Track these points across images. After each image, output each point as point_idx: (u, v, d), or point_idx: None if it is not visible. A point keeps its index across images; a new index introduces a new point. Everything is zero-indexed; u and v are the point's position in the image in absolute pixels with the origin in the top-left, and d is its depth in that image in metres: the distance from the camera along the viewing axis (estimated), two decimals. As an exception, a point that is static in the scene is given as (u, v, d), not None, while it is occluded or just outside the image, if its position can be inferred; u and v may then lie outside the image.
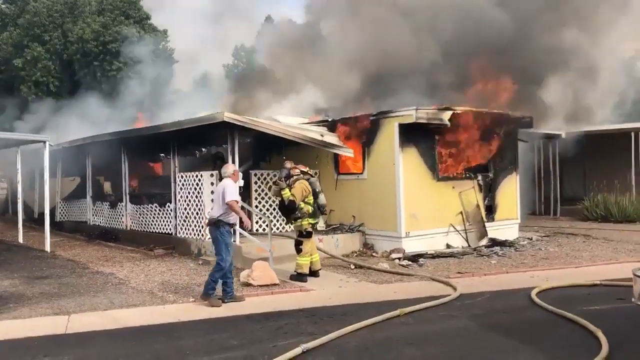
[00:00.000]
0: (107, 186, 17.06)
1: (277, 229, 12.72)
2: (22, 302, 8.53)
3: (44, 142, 13.43)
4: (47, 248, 13.44)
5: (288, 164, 10.13)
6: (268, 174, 12.84)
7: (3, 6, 25.26)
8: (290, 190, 9.72)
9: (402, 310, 7.40)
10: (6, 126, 24.16)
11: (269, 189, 12.71)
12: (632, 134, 17.66)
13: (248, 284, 9.27)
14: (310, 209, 9.83)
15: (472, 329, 6.85)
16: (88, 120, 22.02)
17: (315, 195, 9.94)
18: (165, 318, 7.60)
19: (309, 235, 9.89)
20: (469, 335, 6.63)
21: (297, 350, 5.90)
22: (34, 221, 19.27)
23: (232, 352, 6.13)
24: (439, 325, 7.01)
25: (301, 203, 9.74)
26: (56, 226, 17.56)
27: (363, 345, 6.25)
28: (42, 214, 18.87)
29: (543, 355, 5.81)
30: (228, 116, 10.61)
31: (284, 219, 11.75)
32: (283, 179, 9.91)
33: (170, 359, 5.98)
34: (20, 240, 15.24)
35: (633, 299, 5.77)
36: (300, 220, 9.83)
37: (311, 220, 9.90)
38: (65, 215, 18.56)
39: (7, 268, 11.31)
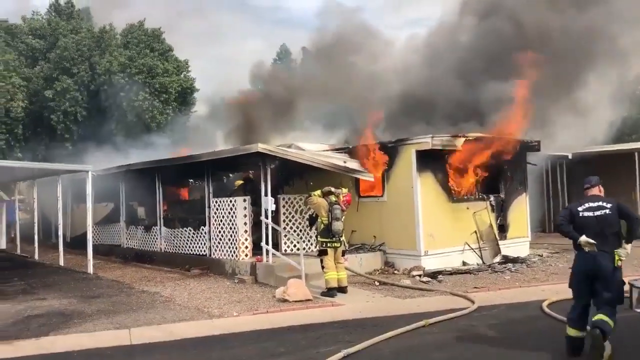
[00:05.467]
0: (140, 211, 18.08)
1: (304, 249, 13.66)
2: (83, 318, 9.50)
3: (87, 171, 14.50)
4: (90, 270, 14.44)
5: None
6: (295, 198, 13.82)
7: (34, 41, 26.60)
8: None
9: (426, 321, 8.32)
10: (37, 154, 25.48)
11: (296, 212, 13.76)
12: (636, 154, 18.54)
13: (284, 300, 10.20)
14: (321, 227, 10.94)
15: (491, 336, 7.76)
16: (115, 148, 23.24)
17: (331, 218, 10.91)
18: (215, 330, 8.55)
19: (323, 252, 10.93)
20: (488, 342, 7.53)
21: (340, 355, 6.82)
22: (66, 245, 20.31)
23: (282, 358, 7.06)
24: (461, 334, 7.90)
25: (321, 218, 10.85)
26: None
27: (395, 351, 7.16)
28: (73, 238, 20.04)
29: (553, 356, 6.68)
30: (262, 147, 11.67)
31: (310, 240, 12.93)
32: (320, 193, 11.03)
33: (229, 364, 6.93)
34: (61, 263, 16.27)
35: (632, 307, 6.63)
36: (318, 237, 11.06)
37: (323, 239, 10.96)
38: (98, 239, 19.58)
39: (59, 289, 12.32)
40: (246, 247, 12.99)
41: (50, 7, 29.04)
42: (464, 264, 13.47)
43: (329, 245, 10.96)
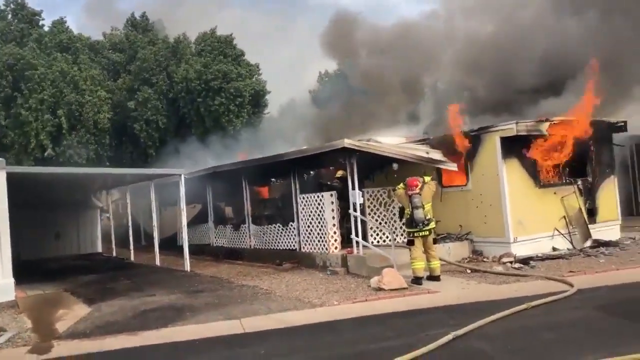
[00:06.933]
0: (228, 210, 18.89)
1: (389, 240, 13.93)
2: (194, 311, 10.15)
3: (180, 175, 15.33)
4: (187, 268, 15.29)
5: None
6: (378, 191, 14.11)
7: (115, 55, 28.14)
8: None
9: (529, 304, 8.42)
10: (123, 161, 26.99)
11: (380, 204, 14.07)
12: None
13: (380, 289, 10.51)
14: (407, 217, 11.21)
15: (598, 317, 7.80)
16: (196, 153, 24.29)
17: (412, 208, 11.09)
18: (321, 318, 8.96)
19: (410, 242, 11.18)
20: (596, 321, 7.59)
21: (449, 337, 7.05)
22: (153, 246, 21.44)
23: (394, 341, 7.37)
24: (567, 315, 7.97)
25: (406, 209, 11.15)
26: (179, 249, 19.55)
27: (504, 332, 7.33)
28: (162, 240, 21.08)
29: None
30: (348, 142, 12.03)
31: (396, 231, 13.27)
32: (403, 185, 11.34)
33: (343, 347, 7.28)
34: (158, 263, 17.26)
35: None
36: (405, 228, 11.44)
37: (409, 229, 11.23)
38: (188, 239, 20.52)
39: (164, 285, 13.12)
40: (335, 240, 13.41)
41: (127, 22, 30.60)
42: (554, 249, 13.35)
43: (415, 235, 11.19)
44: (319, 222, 13.67)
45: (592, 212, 14.32)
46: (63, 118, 24.13)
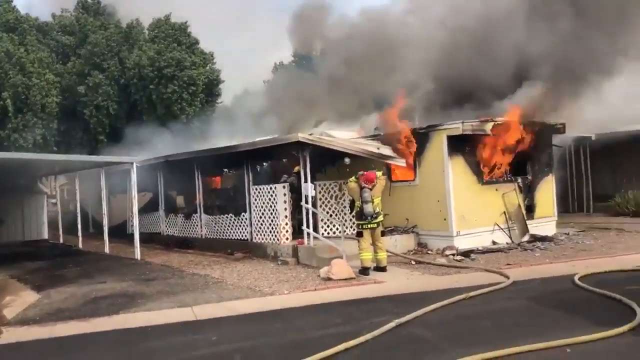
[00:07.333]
0: (179, 200, 18.89)
1: (342, 231, 14.35)
2: (146, 298, 10.28)
3: (132, 163, 15.29)
4: (138, 256, 15.30)
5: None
6: (330, 184, 14.50)
7: (64, 38, 27.46)
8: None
9: (467, 294, 8.97)
10: (71, 147, 26.45)
11: (331, 197, 14.46)
12: (659, 135, 18.92)
13: (329, 279, 10.91)
14: (356, 210, 11.65)
15: (529, 306, 8.41)
16: (146, 140, 24.03)
17: (362, 201, 11.53)
18: (272, 306, 9.26)
19: (359, 234, 11.66)
20: (527, 311, 8.19)
21: (392, 324, 7.48)
22: (102, 234, 21.22)
23: (341, 327, 7.74)
24: (501, 305, 8.56)
25: (356, 202, 11.60)
26: (128, 237, 19.44)
27: (443, 320, 7.83)
28: (111, 227, 20.87)
29: (586, 321, 7.27)
30: (301, 136, 12.36)
31: (345, 223, 13.68)
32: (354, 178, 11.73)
33: (292, 333, 7.62)
34: (107, 250, 17.15)
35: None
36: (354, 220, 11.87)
37: (358, 222, 11.68)
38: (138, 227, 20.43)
39: (114, 273, 13.15)
40: (287, 231, 13.73)
41: (77, 4, 29.85)
42: (494, 243, 14.08)
43: (364, 227, 11.63)
44: (271, 213, 13.95)
45: (530, 209, 15.14)
46: (8, 100, 23.43)
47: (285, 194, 13.70)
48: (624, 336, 6.62)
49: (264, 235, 14.28)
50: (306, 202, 13.00)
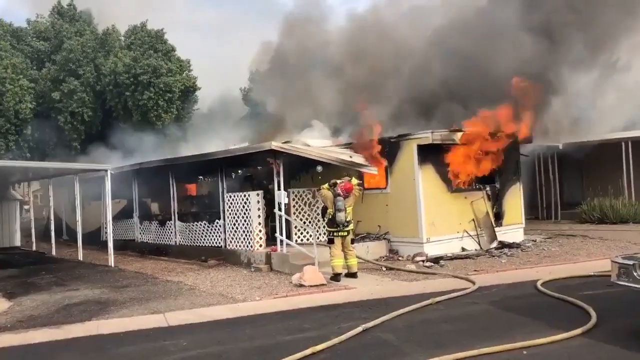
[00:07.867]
0: (154, 207, 18.94)
1: (312, 238, 14.57)
2: (119, 305, 10.38)
3: (106, 170, 15.33)
4: (112, 263, 15.33)
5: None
6: (304, 191, 14.73)
7: (39, 44, 27.28)
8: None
9: (433, 299, 9.27)
10: (45, 154, 26.23)
11: (305, 204, 14.69)
12: (623, 144, 19.55)
13: (301, 285, 11.12)
14: (329, 217, 11.88)
15: (491, 311, 8.73)
16: (122, 147, 24.00)
17: (335, 209, 11.79)
18: (243, 312, 9.46)
19: (331, 241, 11.89)
20: (489, 315, 8.50)
21: (359, 329, 7.73)
22: (76, 241, 21.12)
23: (309, 332, 7.98)
24: (465, 310, 8.86)
25: (329, 209, 11.80)
26: (102, 244, 19.41)
27: (408, 325, 8.10)
28: (85, 235, 20.82)
29: (547, 325, 7.63)
30: (275, 145, 12.57)
31: (319, 230, 13.87)
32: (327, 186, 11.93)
33: (262, 338, 7.81)
34: (80, 257, 17.12)
35: (612, 280, 7.56)
36: (327, 227, 12.05)
37: (330, 229, 11.92)
38: (112, 234, 20.38)
39: (87, 280, 13.19)
40: (260, 239, 13.90)
41: (53, 10, 29.64)
42: (463, 249, 14.44)
43: (335, 234, 11.89)
44: (245, 221, 14.12)
45: (498, 216, 15.55)
46: (-19, 106, 23.20)
47: (258, 202, 13.88)
48: (577, 339, 6.97)
49: (238, 242, 14.44)
50: (279, 210, 13.20)
